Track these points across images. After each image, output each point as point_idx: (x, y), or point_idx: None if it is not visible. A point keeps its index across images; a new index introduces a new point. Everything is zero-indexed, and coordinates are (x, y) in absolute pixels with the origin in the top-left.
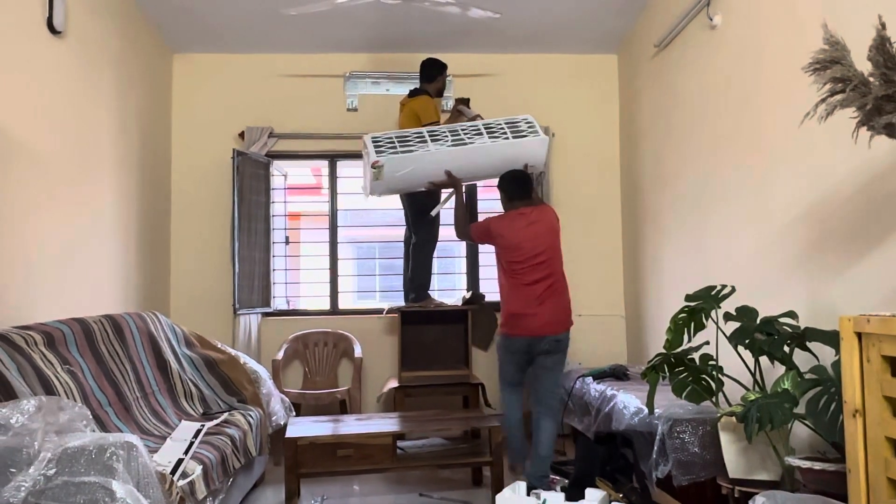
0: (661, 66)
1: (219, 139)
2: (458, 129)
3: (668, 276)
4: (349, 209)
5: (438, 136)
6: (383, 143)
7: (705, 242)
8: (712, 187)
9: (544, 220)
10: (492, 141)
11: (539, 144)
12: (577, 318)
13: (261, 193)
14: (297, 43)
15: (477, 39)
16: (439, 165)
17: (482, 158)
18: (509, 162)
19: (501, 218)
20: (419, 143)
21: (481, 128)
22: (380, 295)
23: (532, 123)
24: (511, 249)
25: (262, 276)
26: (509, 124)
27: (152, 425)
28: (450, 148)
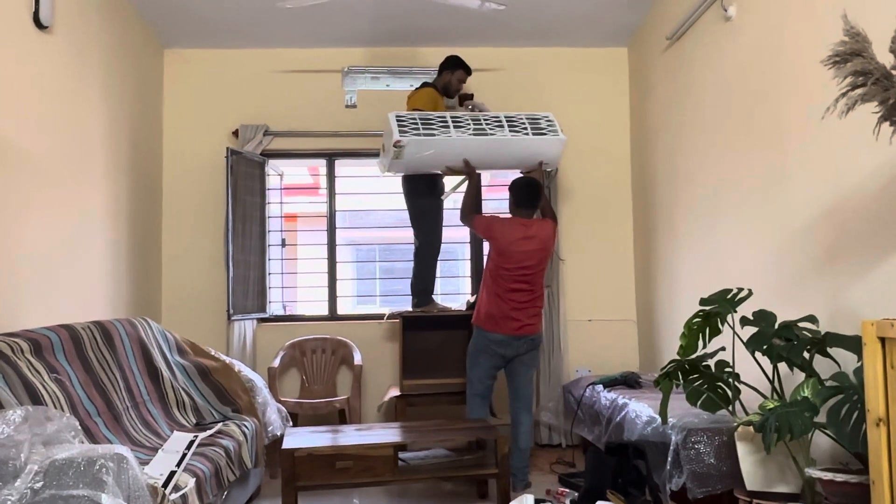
0: (673, 59)
1: (212, 138)
2: (480, 119)
3: (682, 279)
4: (348, 210)
5: (461, 123)
6: (407, 123)
7: (721, 243)
8: (728, 186)
9: (540, 237)
10: (512, 135)
11: (557, 144)
12: (587, 323)
13: (256, 194)
14: (292, 37)
15: (482, 32)
16: (458, 152)
17: (500, 151)
18: (526, 158)
19: (504, 220)
20: (442, 127)
21: (503, 120)
22: (380, 300)
23: (552, 122)
24: (501, 254)
25: (258, 280)
26: (531, 120)
27: (143, 436)
28: (471, 137)
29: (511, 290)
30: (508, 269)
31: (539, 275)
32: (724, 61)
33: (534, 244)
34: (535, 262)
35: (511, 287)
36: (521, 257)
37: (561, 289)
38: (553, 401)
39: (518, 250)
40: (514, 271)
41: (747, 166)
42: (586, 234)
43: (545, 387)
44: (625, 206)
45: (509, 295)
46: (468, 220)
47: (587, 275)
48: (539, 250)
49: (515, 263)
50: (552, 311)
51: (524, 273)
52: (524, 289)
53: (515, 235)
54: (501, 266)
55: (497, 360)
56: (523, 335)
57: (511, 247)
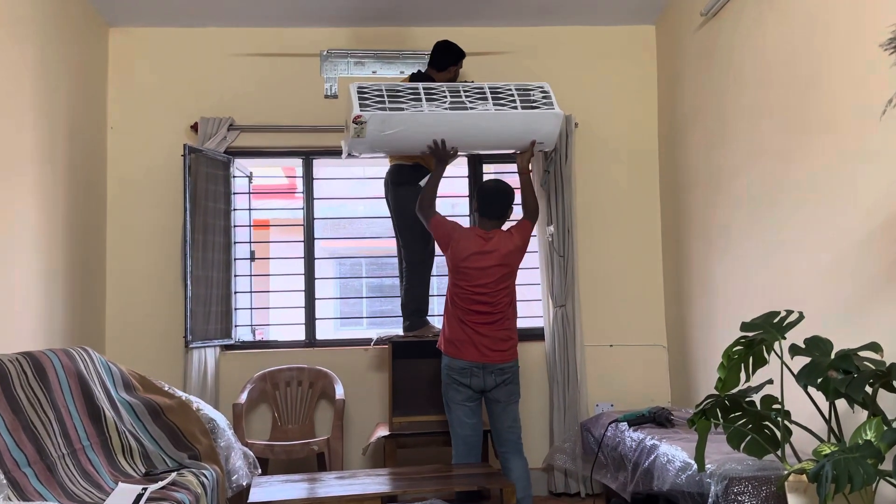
0: (709, 39)
1: (166, 132)
2: (459, 90)
3: (720, 298)
4: (329, 218)
5: (436, 95)
6: (370, 96)
7: (767, 257)
8: (775, 189)
9: (500, 251)
10: (497, 109)
11: (552, 120)
12: (608, 349)
13: (219, 199)
14: (262, 14)
15: (484, 10)
16: (432, 129)
17: (483, 128)
18: (515, 136)
19: (463, 230)
20: (412, 100)
21: (487, 91)
22: (367, 322)
23: (548, 94)
24: (454, 270)
25: (221, 300)
26: (521, 91)
27: (82, 489)
28: (447, 111)
29: (469, 311)
30: (463, 288)
31: (502, 294)
32: (769, 41)
33: (490, 260)
34: (492, 279)
35: (469, 308)
36: (475, 275)
37: (576, 308)
38: (569, 441)
39: (471, 266)
40: (469, 290)
41: (798, 166)
42: (606, 244)
43: (559, 425)
44: (651, 212)
45: (468, 317)
46: (426, 216)
47: (607, 291)
48: (497, 266)
49: (469, 281)
50: (566, 336)
51: (481, 292)
52: (484, 310)
53: (470, 249)
54: (457, 284)
55: (466, 394)
56: (489, 364)
57: (464, 262)
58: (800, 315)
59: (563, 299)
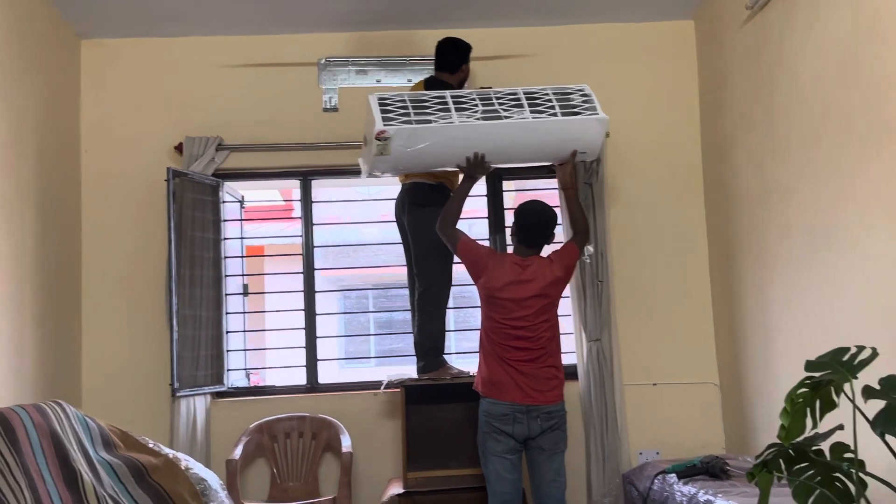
0: (757, 34)
1: (147, 155)
2: (491, 97)
3: (779, 331)
4: (331, 245)
5: (465, 104)
6: (393, 108)
7: (833, 285)
8: (841, 207)
9: (538, 281)
10: (534, 117)
11: (596, 126)
12: (651, 388)
13: (207, 228)
14: (252, 21)
15: (500, 8)
16: (464, 142)
17: (520, 139)
18: (555, 146)
19: (496, 256)
20: (440, 111)
21: (522, 97)
22: (376, 362)
23: (589, 97)
24: (488, 301)
25: (212, 342)
26: (559, 96)
27: None
28: (479, 122)
29: (507, 346)
30: (497, 321)
31: (542, 327)
32: (828, 35)
33: (528, 290)
34: (530, 311)
35: (506, 344)
36: (511, 307)
37: (613, 342)
38: (609, 496)
39: (507, 297)
40: (506, 323)
41: (867, 181)
42: (645, 269)
43: (598, 477)
44: (697, 232)
45: (507, 354)
46: (452, 237)
47: (648, 323)
48: (536, 298)
49: (506, 314)
50: (602, 374)
51: (519, 325)
52: (523, 346)
53: (505, 278)
54: (491, 317)
55: (507, 445)
56: (534, 406)
57: (499, 293)
58: (873, 352)
59: (597, 332)
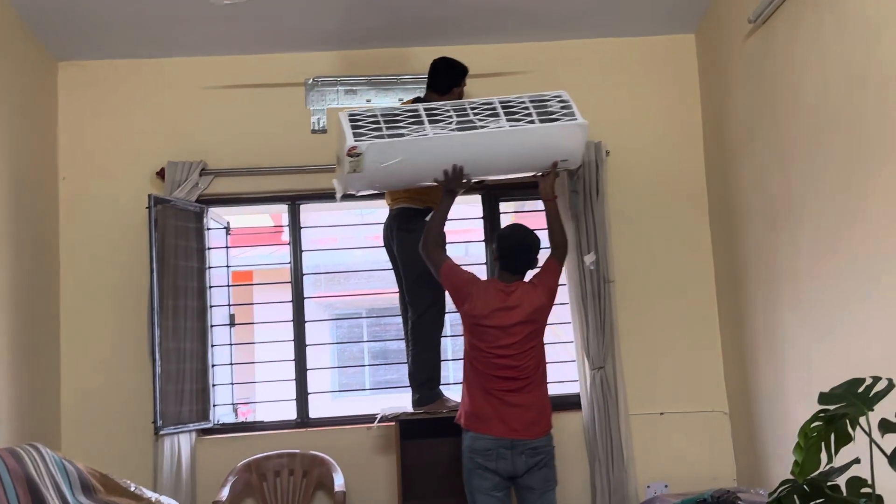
0: (761, 48)
1: (128, 181)
2: (465, 107)
3: (790, 357)
4: (321, 273)
5: (439, 116)
6: (364, 124)
7: (844, 309)
8: (849, 228)
9: (524, 307)
10: (511, 125)
11: (576, 132)
12: (658, 418)
13: (192, 256)
14: (235, 40)
15: (496, 24)
16: (440, 155)
17: (498, 149)
18: (535, 154)
19: (480, 283)
20: (413, 124)
21: (498, 106)
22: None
23: (567, 103)
24: (472, 329)
25: (197, 376)
26: (536, 103)
27: None
28: (454, 133)
29: (492, 376)
30: (482, 350)
31: (528, 355)
32: (833, 49)
33: (514, 317)
34: (517, 339)
35: (492, 374)
36: (497, 334)
37: (618, 370)
38: None
39: (493, 325)
40: (492, 352)
41: (878, 198)
42: (650, 293)
43: None
44: (702, 253)
45: (492, 384)
46: (435, 260)
47: (654, 349)
48: (522, 325)
49: (490, 342)
50: (607, 403)
51: (504, 354)
52: (509, 375)
53: (490, 305)
54: (475, 345)
55: (493, 482)
56: (519, 441)
57: (484, 320)
58: (889, 383)
59: (601, 360)
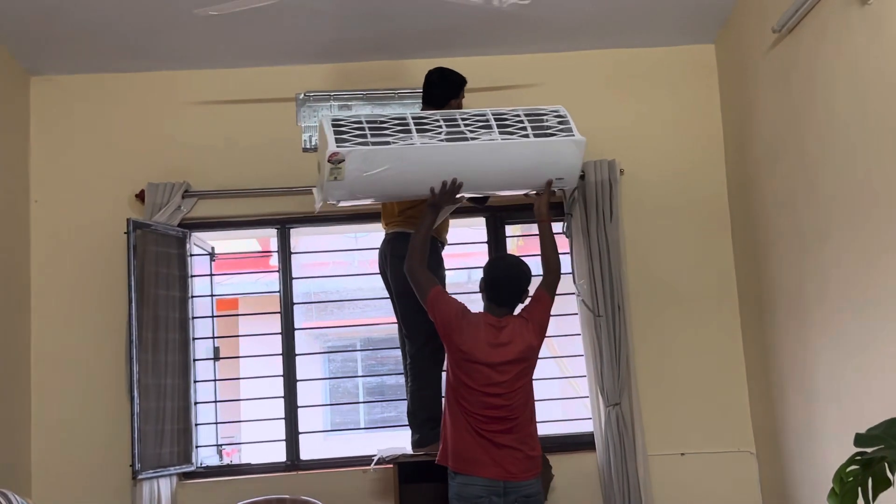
0: (785, 59)
1: (104, 204)
2: (456, 118)
3: (822, 393)
4: (314, 302)
5: (428, 126)
6: (348, 130)
7: (883, 342)
8: (890, 249)
9: (516, 344)
10: (503, 138)
11: (572, 149)
12: (679, 459)
13: (173, 285)
14: (222, 52)
15: (503, 35)
16: (426, 167)
17: (488, 163)
18: (528, 171)
19: (472, 316)
20: (400, 132)
21: (490, 118)
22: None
23: (565, 118)
24: (461, 363)
25: (178, 414)
26: (531, 117)
27: None
28: (442, 144)
29: (481, 416)
30: (471, 388)
31: (518, 394)
32: (863, 60)
33: (504, 354)
34: (507, 377)
35: (481, 413)
36: (488, 372)
37: (635, 407)
38: None
39: (483, 362)
40: (481, 390)
41: None
42: (669, 324)
43: None
44: (725, 279)
45: (482, 425)
46: (420, 282)
47: (674, 384)
48: (513, 363)
49: (481, 380)
50: (623, 442)
51: (494, 393)
52: (498, 415)
53: (480, 341)
54: (463, 382)
55: None
56: (513, 484)
57: (474, 357)
58: None
59: (616, 396)
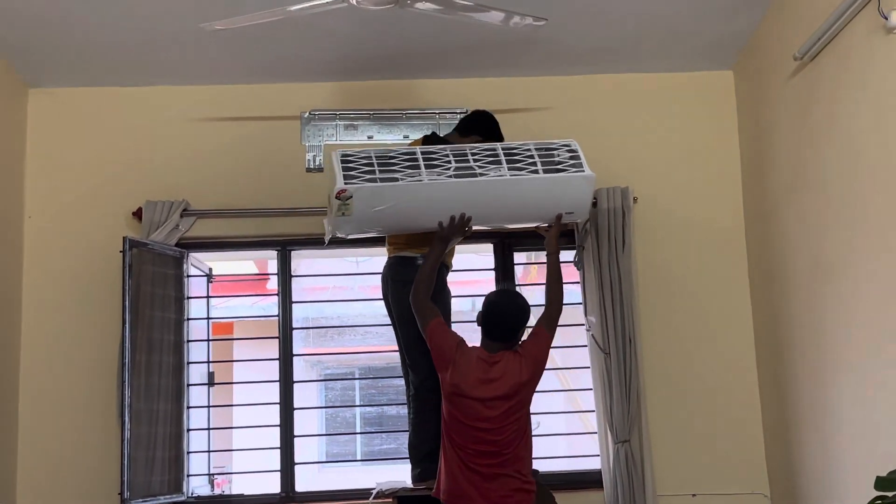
0: (807, 87)
1: (100, 221)
2: (466, 152)
3: (841, 432)
4: (313, 327)
5: (437, 161)
6: (356, 165)
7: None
8: None
9: (506, 381)
10: (512, 174)
11: (583, 185)
12: (690, 500)
13: (169, 307)
14: (224, 69)
15: (514, 56)
16: (435, 202)
17: (497, 199)
18: (537, 206)
19: (467, 350)
20: (408, 168)
21: (500, 153)
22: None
23: (576, 152)
24: (452, 397)
25: (170, 441)
26: (542, 151)
27: None
28: (450, 180)
29: (472, 451)
30: (461, 422)
31: (509, 428)
32: (890, 90)
33: (495, 389)
34: (497, 412)
35: (471, 447)
36: (478, 407)
37: (645, 445)
38: None
39: (472, 396)
40: (471, 424)
41: None
42: (681, 358)
43: None
44: (741, 312)
45: (472, 459)
46: (423, 312)
47: (686, 422)
48: (503, 399)
49: (471, 415)
50: (633, 482)
51: (484, 428)
52: (489, 450)
53: (471, 376)
54: (453, 415)
55: None
56: None
57: (464, 391)
58: None
59: (626, 432)
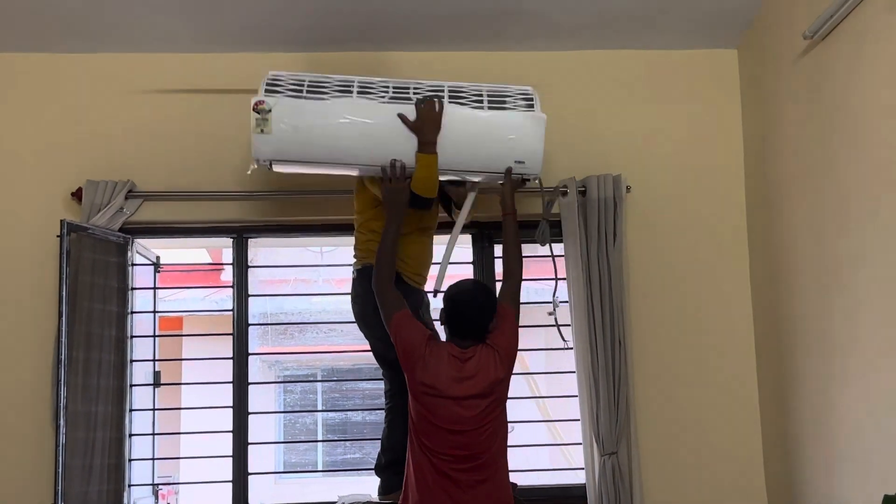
0: (817, 68)
1: (35, 203)
2: (409, 86)
3: (846, 447)
4: (272, 324)
5: (373, 88)
6: (284, 83)
7: None
8: None
9: (481, 378)
10: (457, 104)
11: (532, 125)
12: None
13: (110, 298)
14: (178, 36)
15: (493, 30)
16: (363, 130)
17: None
18: (481, 146)
19: (436, 345)
20: (341, 92)
21: (445, 89)
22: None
23: (531, 97)
24: (422, 397)
25: (110, 447)
26: (493, 93)
27: None
28: (382, 104)
29: (444, 454)
30: (433, 424)
31: (486, 430)
32: None
33: (469, 387)
34: (472, 413)
35: (443, 451)
36: (451, 408)
37: (634, 457)
38: None
39: (445, 395)
40: (444, 428)
41: None
42: (675, 363)
43: None
44: (741, 314)
45: (444, 464)
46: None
47: (678, 433)
48: (480, 397)
49: (444, 416)
50: (619, 497)
51: (459, 428)
52: (463, 454)
53: (443, 373)
54: (423, 416)
55: None
56: None
57: (435, 391)
58: None
59: (613, 444)
